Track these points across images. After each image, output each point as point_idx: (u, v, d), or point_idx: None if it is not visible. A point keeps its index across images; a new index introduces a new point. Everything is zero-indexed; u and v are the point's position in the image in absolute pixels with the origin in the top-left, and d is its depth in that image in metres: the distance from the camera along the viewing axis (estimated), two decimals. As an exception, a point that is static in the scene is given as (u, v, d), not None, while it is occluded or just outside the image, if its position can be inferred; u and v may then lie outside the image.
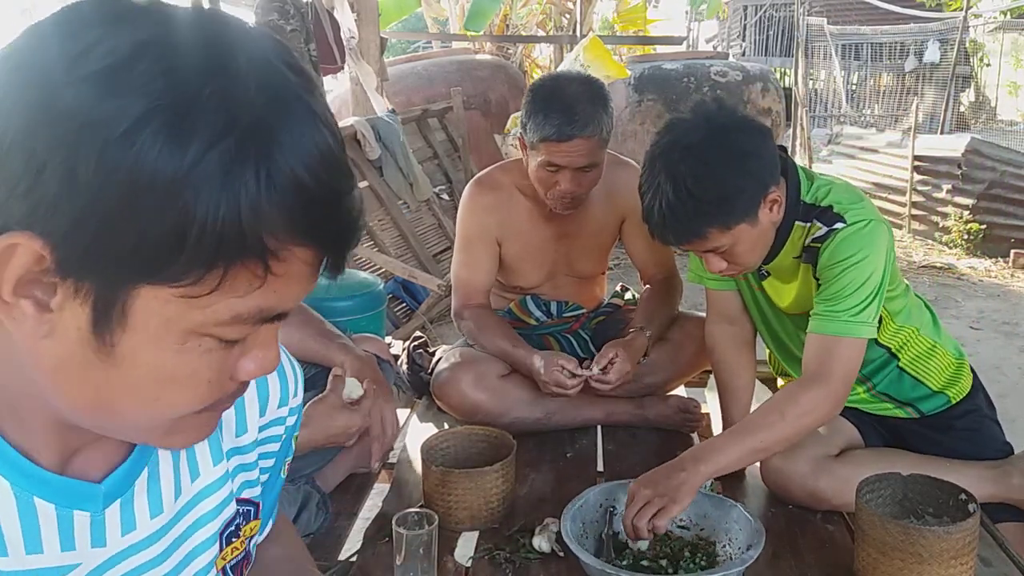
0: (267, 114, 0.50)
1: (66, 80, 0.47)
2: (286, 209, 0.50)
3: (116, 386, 0.55)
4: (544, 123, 1.92)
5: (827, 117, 14.39)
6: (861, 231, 1.58)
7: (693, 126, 1.57)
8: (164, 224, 0.48)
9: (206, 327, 0.53)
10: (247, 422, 0.78)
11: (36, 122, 0.47)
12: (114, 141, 0.46)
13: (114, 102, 0.46)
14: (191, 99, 0.47)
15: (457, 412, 2.07)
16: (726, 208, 1.53)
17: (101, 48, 0.48)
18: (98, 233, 0.48)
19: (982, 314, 5.25)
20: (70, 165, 0.46)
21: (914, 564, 1.37)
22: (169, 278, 0.50)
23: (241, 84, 0.49)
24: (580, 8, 8.97)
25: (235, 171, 0.48)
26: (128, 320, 0.52)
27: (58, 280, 0.50)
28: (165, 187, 0.47)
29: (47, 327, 0.52)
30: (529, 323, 2.28)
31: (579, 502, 1.52)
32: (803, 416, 1.56)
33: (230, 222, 0.49)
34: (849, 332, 1.57)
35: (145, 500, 0.67)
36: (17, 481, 0.58)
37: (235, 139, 0.48)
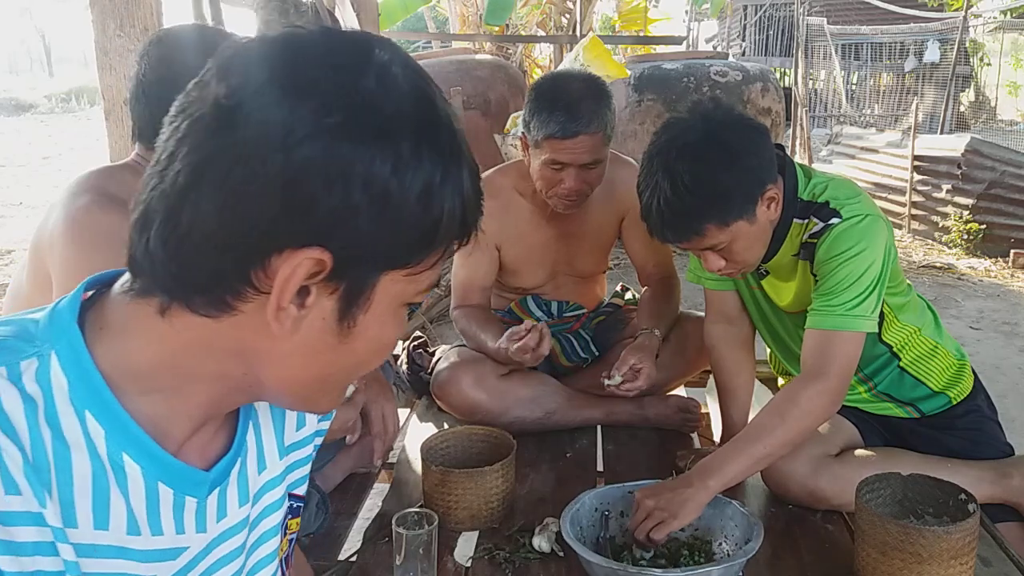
0: (458, 123, 0.64)
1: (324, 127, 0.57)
2: (474, 190, 0.65)
3: (340, 360, 0.65)
4: (548, 120, 1.92)
5: (827, 117, 14.40)
6: (857, 225, 1.58)
7: (690, 125, 1.57)
8: (424, 225, 0.61)
9: (412, 296, 0.65)
10: (307, 416, 0.83)
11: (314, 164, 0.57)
12: (388, 175, 0.58)
13: (372, 144, 0.58)
14: (423, 127, 0.60)
15: (457, 412, 2.07)
16: (723, 204, 1.53)
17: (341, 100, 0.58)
18: (371, 239, 0.59)
19: (982, 314, 5.25)
20: (351, 196, 0.57)
21: (914, 564, 1.37)
22: (407, 263, 0.62)
23: (440, 104, 0.63)
24: (580, 8, 8.97)
25: (457, 171, 0.62)
26: (370, 304, 0.62)
27: (320, 283, 0.60)
28: (423, 197, 0.60)
29: (297, 324, 0.61)
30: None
31: (575, 506, 1.52)
32: (804, 416, 1.56)
33: (460, 211, 0.63)
34: (846, 326, 1.57)
35: (235, 489, 0.72)
36: (147, 466, 0.63)
37: (454, 147, 0.62)
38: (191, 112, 0.59)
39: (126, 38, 2.91)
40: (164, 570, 0.66)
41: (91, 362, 0.61)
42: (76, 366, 0.61)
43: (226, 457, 0.71)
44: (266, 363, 0.64)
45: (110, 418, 0.61)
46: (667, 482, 1.55)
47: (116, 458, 0.62)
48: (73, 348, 0.61)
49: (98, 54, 3.00)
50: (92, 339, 0.62)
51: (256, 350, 0.63)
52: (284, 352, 0.63)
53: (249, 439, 0.75)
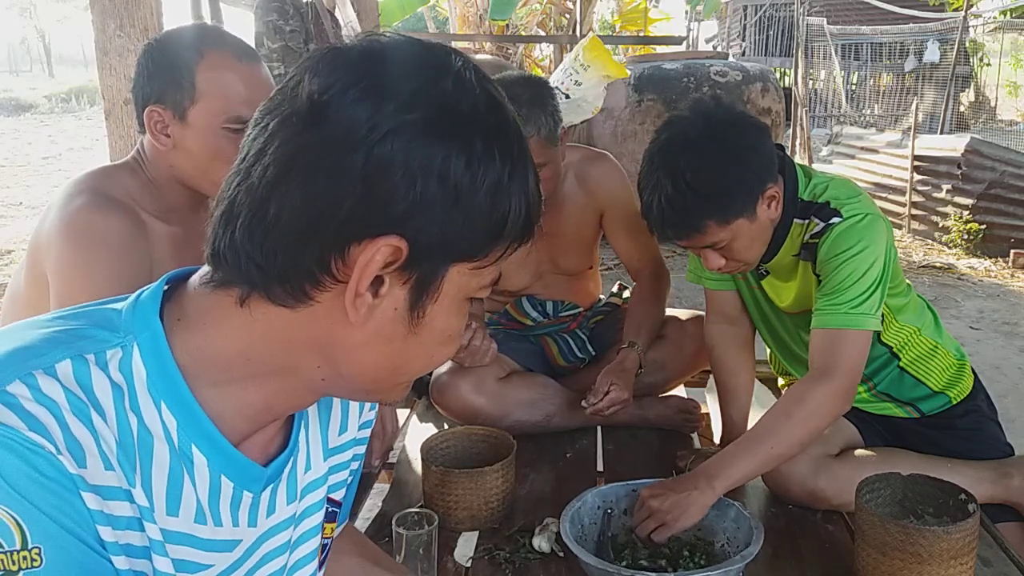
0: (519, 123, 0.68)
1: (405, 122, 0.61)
2: (536, 187, 0.68)
3: (411, 350, 0.67)
4: None
5: (827, 117, 14.39)
6: (858, 224, 1.58)
7: (691, 122, 1.58)
8: (492, 219, 0.64)
9: (475, 290, 0.67)
10: (349, 421, 0.85)
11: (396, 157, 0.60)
12: (462, 170, 0.62)
13: (449, 140, 0.62)
14: (493, 125, 0.64)
15: (457, 417, 2.07)
16: (724, 201, 1.54)
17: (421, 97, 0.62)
18: (444, 230, 0.62)
19: (982, 314, 5.25)
20: (428, 189, 0.61)
21: (914, 564, 1.37)
22: (474, 256, 0.65)
23: (508, 106, 0.67)
24: (580, 8, 8.97)
25: (522, 167, 0.65)
26: (440, 294, 0.65)
27: (395, 272, 0.62)
28: (492, 193, 0.63)
29: (371, 313, 0.64)
30: (526, 323, 2.27)
31: (577, 504, 1.52)
32: (812, 416, 1.55)
33: (526, 207, 0.66)
34: (851, 324, 1.57)
35: (285, 488, 0.75)
36: (213, 458, 0.66)
37: (518, 146, 0.66)
38: (281, 111, 0.63)
39: (126, 38, 2.91)
40: (222, 560, 0.69)
41: (169, 354, 0.64)
42: (155, 357, 0.64)
43: (282, 455, 0.74)
44: (341, 353, 0.66)
45: (182, 409, 0.64)
46: (672, 481, 1.54)
47: (186, 448, 0.65)
48: (154, 340, 0.64)
49: (98, 54, 3.00)
50: (170, 330, 0.65)
51: (331, 341, 0.65)
52: (358, 342, 0.65)
53: (301, 439, 0.77)
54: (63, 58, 48.74)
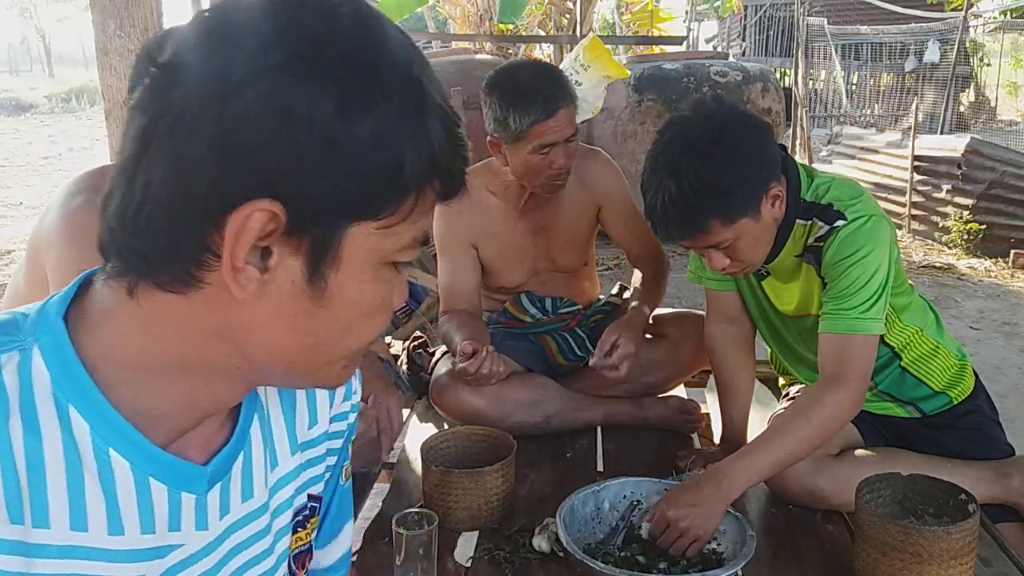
0: (418, 64, 0.60)
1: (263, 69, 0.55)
2: (447, 136, 0.60)
3: (322, 326, 0.61)
4: (527, 109, 1.94)
5: (827, 117, 14.40)
6: (863, 227, 1.58)
7: (694, 123, 1.58)
8: (380, 171, 0.57)
9: (392, 254, 0.61)
10: (318, 414, 0.80)
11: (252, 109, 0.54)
12: (332, 116, 0.55)
13: (315, 83, 0.55)
14: (375, 65, 0.57)
15: (456, 418, 2.06)
16: (728, 201, 1.54)
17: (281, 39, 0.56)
18: (323, 186, 0.56)
19: (982, 314, 5.25)
20: (297, 140, 0.54)
21: (914, 564, 1.37)
22: (375, 214, 0.58)
23: (397, 44, 0.59)
24: (580, 8, 8.97)
25: (421, 113, 0.58)
26: (340, 261, 0.59)
27: (279, 241, 0.57)
28: (379, 141, 0.56)
29: (263, 288, 0.58)
30: (525, 320, 2.27)
31: (571, 501, 1.54)
32: (825, 419, 1.56)
33: (426, 157, 0.59)
34: (859, 329, 1.57)
35: (239, 484, 0.70)
36: (136, 461, 0.61)
37: (413, 88, 0.58)
38: (140, 84, 0.58)
39: (126, 38, 2.91)
40: (150, 569, 0.64)
41: (73, 354, 0.59)
42: (58, 358, 0.59)
43: (223, 451, 0.68)
44: (244, 337, 0.61)
45: (95, 412, 0.59)
46: (690, 485, 1.54)
47: (102, 454, 0.60)
48: (56, 340, 0.60)
49: (98, 54, 3.00)
50: (76, 330, 0.61)
51: (232, 325, 0.60)
52: (259, 322, 0.60)
53: (254, 433, 0.72)
54: (63, 58, 48.72)
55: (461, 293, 2.17)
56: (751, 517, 1.70)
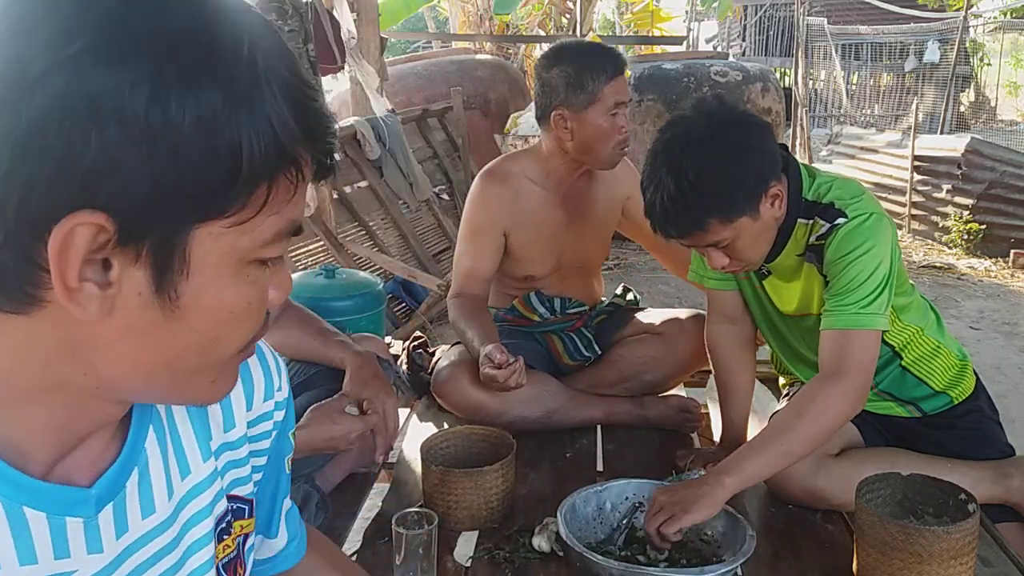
0: (251, 39, 0.53)
1: (62, 59, 0.48)
2: (296, 115, 0.54)
3: (180, 338, 0.56)
4: (600, 67, 2.02)
5: (827, 117, 14.40)
6: (863, 224, 1.59)
7: (694, 122, 1.58)
8: (214, 162, 0.51)
9: (253, 251, 0.55)
10: (235, 416, 0.77)
11: (54, 107, 0.48)
12: (145, 105, 0.48)
13: (122, 70, 0.48)
14: (193, 45, 0.50)
15: (457, 411, 2.07)
16: (727, 200, 1.54)
17: (81, 23, 0.49)
18: (154, 189, 0.50)
19: (982, 314, 5.25)
20: (108, 138, 0.48)
21: (914, 564, 1.37)
22: (221, 211, 0.52)
23: (222, 19, 0.52)
24: (580, 8, 8.97)
25: (257, 94, 0.52)
26: (189, 267, 0.53)
27: (116, 252, 0.51)
28: (206, 128, 0.50)
29: (108, 304, 0.52)
30: (533, 319, 2.27)
31: (574, 498, 1.54)
32: (823, 415, 1.55)
33: (270, 141, 0.52)
34: (860, 324, 1.57)
35: (137, 501, 0.66)
36: (5, 491, 0.57)
37: (244, 66, 0.52)
38: None
39: (126, 38, 2.91)
40: None
41: None
42: None
43: (111, 470, 0.63)
44: (96, 355, 0.55)
45: None
46: (687, 481, 1.55)
47: None
48: None
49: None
50: None
51: (81, 343, 0.54)
52: (109, 340, 0.54)
53: (150, 446, 0.67)
54: (63, 58, 48.68)
55: (477, 279, 2.17)
56: (751, 517, 1.70)
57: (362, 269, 4.01)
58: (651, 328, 2.21)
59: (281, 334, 1.78)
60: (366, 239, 4.81)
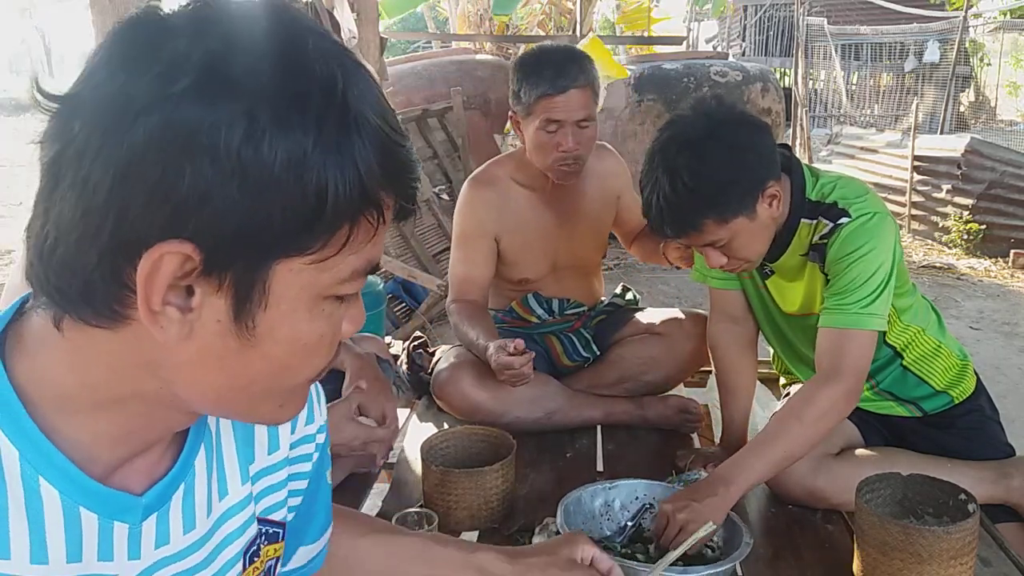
0: (345, 82, 0.55)
1: (166, 95, 0.51)
2: (381, 159, 0.55)
3: (252, 366, 0.58)
4: (538, 81, 1.96)
5: (827, 117, 14.40)
6: (866, 224, 1.59)
7: (692, 122, 1.58)
8: (301, 202, 0.53)
9: (331, 288, 0.57)
10: (279, 439, 0.78)
11: (153, 139, 0.50)
12: (239, 143, 0.51)
13: (220, 109, 0.51)
14: (288, 87, 0.52)
15: (457, 412, 2.07)
16: (722, 200, 1.54)
17: (187, 61, 0.51)
18: (241, 224, 0.52)
19: (982, 314, 5.25)
20: (201, 172, 0.50)
21: (914, 564, 1.37)
22: (304, 248, 0.54)
23: (318, 61, 0.54)
24: (580, 8, 8.97)
25: (346, 138, 0.54)
26: (268, 299, 0.55)
27: (200, 280, 0.53)
28: (295, 168, 0.52)
29: (187, 328, 0.55)
30: (531, 321, 2.27)
31: (576, 493, 1.55)
32: (819, 416, 1.55)
33: (355, 184, 0.54)
34: (859, 324, 1.57)
35: (180, 515, 0.68)
36: (66, 490, 0.59)
37: (335, 110, 0.53)
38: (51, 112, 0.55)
39: (126, 38, 2.91)
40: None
41: (5, 379, 0.57)
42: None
43: (162, 481, 0.66)
44: (173, 374, 0.58)
45: (24, 438, 0.57)
46: (690, 490, 1.54)
47: (31, 482, 0.57)
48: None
49: (98, 54, 2.99)
50: (10, 354, 0.59)
51: (160, 362, 0.57)
52: (184, 361, 0.57)
53: (199, 464, 0.69)
54: (63, 58, 48.79)
55: (473, 285, 2.17)
56: (751, 517, 1.70)
57: (362, 269, 4.00)
58: (651, 328, 2.21)
59: None
60: (366, 239, 4.80)
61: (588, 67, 2.01)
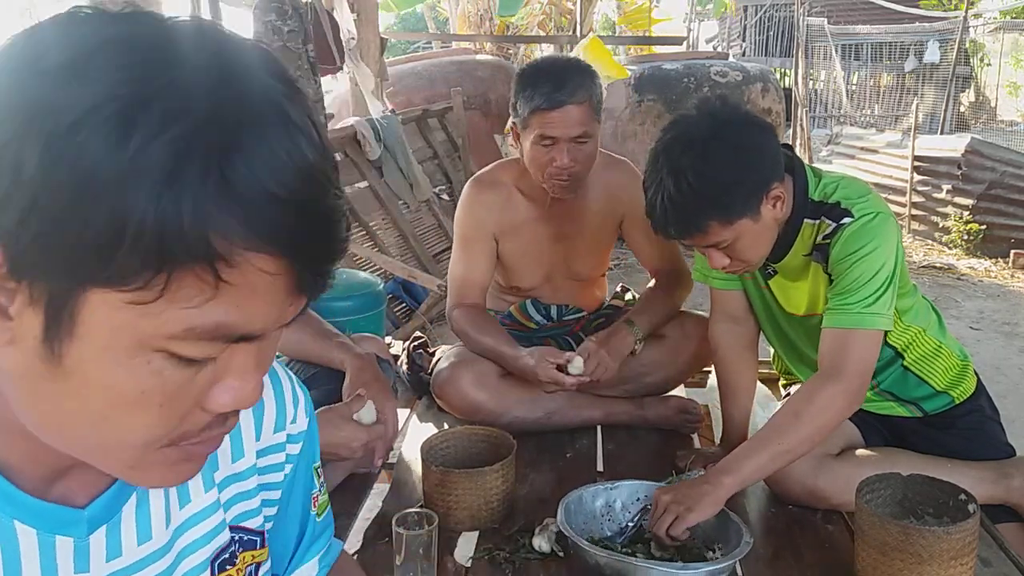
0: (231, 112, 0.48)
1: (25, 75, 0.47)
2: (240, 211, 0.47)
3: (66, 401, 0.52)
4: (533, 94, 1.91)
5: (827, 117, 14.40)
6: (869, 223, 1.58)
7: (696, 122, 1.58)
8: (102, 220, 0.46)
9: (157, 340, 0.50)
10: (243, 447, 0.75)
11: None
12: (60, 132, 0.46)
13: (67, 93, 0.46)
14: (144, 92, 0.46)
15: (457, 412, 2.07)
16: (726, 201, 1.54)
17: (64, 43, 0.48)
18: (41, 229, 0.46)
19: (982, 314, 5.25)
20: (18, 158, 0.46)
21: (914, 564, 1.37)
22: (114, 280, 0.47)
23: (205, 80, 0.48)
24: (580, 8, 8.97)
25: (180, 166, 0.46)
26: (76, 327, 0.49)
27: (15, 284, 0.49)
28: (105, 180, 0.45)
29: (9, 334, 0.50)
30: (529, 327, 2.27)
31: (578, 492, 1.55)
32: (820, 414, 1.55)
33: (171, 220, 0.46)
34: (862, 324, 1.56)
35: (133, 526, 0.65)
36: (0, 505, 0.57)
37: (183, 132, 0.46)
38: None
39: (126, 38, 2.91)
40: None
41: None
42: None
43: (107, 493, 0.63)
44: (8, 386, 0.54)
45: None
46: (686, 482, 1.55)
47: None
48: None
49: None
50: None
51: None
52: (13, 374, 0.52)
53: None
54: (63, 58, 48.75)
55: (473, 286, 2.15)
56: (751, 517, 1.70)
57: (362, 269, 4.01)
58: (652, 330, 2.20)
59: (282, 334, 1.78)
60: (366, 239, 4.80)
61: (589, 82, 1.95)
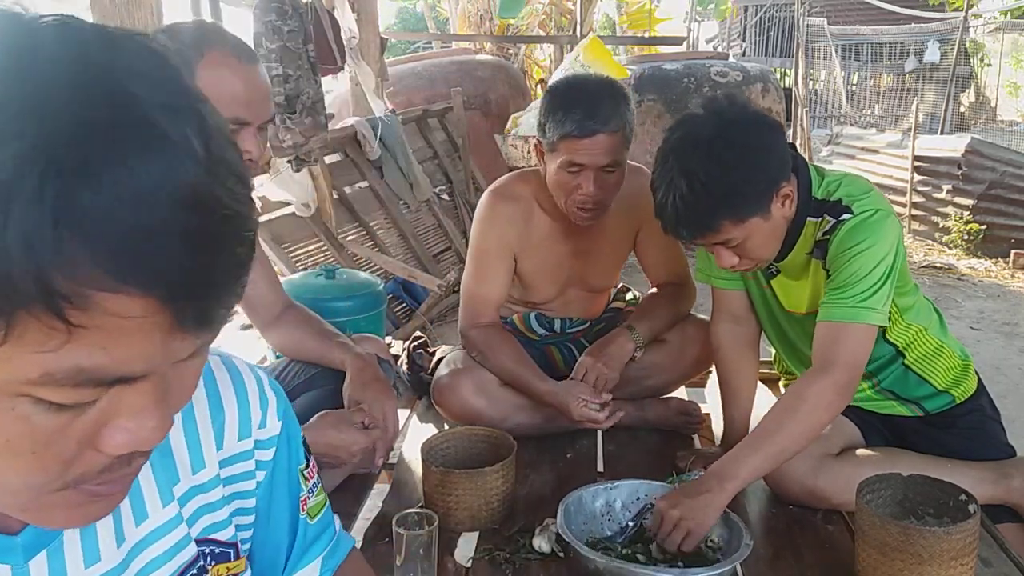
0: (83, 130, 0.42)
1: None
2: (86, 246, 0.42)
3: None
4: (564, 119, 1.84)
5: (827, 117, 14.41)
6: (868, 220, 1.58)
7: (704, 121, 1.57)
8: None
9: (14, 385, 0.45)
10: (204, 457, 0.72)
11: None
12: None
13: None
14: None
15: (457, 419, 2.05)
16: (739, 201, 1.54)
17: None
18: None
19: (982, 314, 5.25)
20: None
21: (914, 565, 1.37)
22: None
23: (55, 93, 0.42)
24: (580, 8, 8.97)
25: (10, 194, 0.40)
26: None
27: None
28: None
29: None
30: (531, 338, 2.25)
31: (578, 493, 1.55)
32: (814, 410, 1.54)
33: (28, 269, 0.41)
34: (856, 317, 1.56)
35: (78, 549, 0.63)
36: None
37: (17, 153, 0.41)
38: None
39: (126, 38, 2.91)
40: None
41: None
42: None
43: None
44: None
45: None
46: (684, 487, 1.55)
47: None
48: None
49: (98, 55, 2.99)
50: None
51: None
52: None
53: None
54: (63, 58, 48.68)
55: (489, 305, 2.08)
56: (751, 517, 1.70)
57: (362, 269, 4.01)
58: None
59: (282, 335, 1.78)
60: (366, 239, 4.81)
61: (623, 109, 1.88)
